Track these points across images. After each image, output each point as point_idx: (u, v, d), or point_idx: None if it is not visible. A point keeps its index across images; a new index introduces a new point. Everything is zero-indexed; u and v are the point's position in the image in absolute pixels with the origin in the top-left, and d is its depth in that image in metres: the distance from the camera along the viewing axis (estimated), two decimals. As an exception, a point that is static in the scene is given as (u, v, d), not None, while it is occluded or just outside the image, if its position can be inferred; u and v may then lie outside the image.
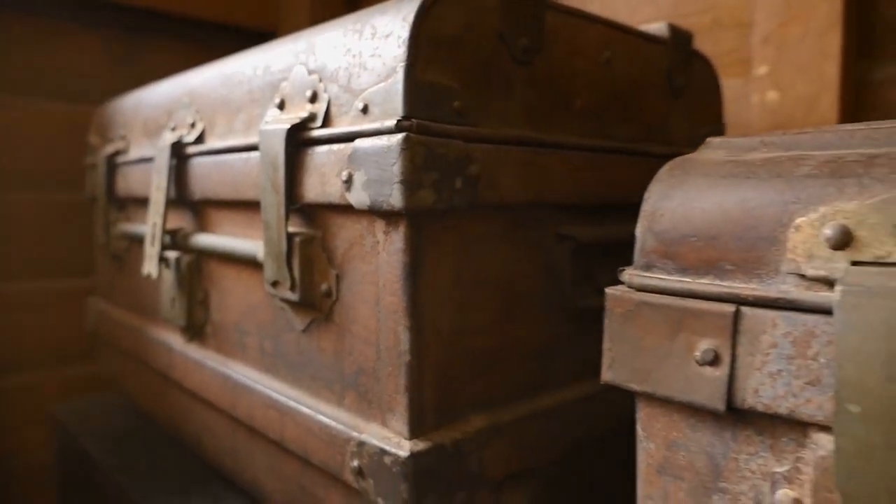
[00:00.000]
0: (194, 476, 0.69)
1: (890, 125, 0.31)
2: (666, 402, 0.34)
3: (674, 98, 0.60)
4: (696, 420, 0.33)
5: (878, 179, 0.28)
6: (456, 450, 0.42)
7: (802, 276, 0.29)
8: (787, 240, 0.29)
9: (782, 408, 0.29)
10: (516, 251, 0.47)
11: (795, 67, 0.71)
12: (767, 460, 0.31)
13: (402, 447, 0.41)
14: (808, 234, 0.29)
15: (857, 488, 0.26)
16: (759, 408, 0.30)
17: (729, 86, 0.79)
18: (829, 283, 0.28)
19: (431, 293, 0.42)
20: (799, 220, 0.29)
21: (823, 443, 0.29)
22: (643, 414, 0.36)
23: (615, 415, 0.53)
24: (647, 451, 0.36)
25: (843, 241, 0.28)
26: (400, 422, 0.42)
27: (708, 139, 0.38)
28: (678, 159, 0.36)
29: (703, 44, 0.84)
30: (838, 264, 0.28)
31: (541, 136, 0.47)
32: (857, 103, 0.72)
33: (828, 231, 0.28)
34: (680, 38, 0.59)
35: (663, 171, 0.36)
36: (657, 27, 0.59)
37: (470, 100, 0.43)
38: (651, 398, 0.35)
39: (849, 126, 0.33)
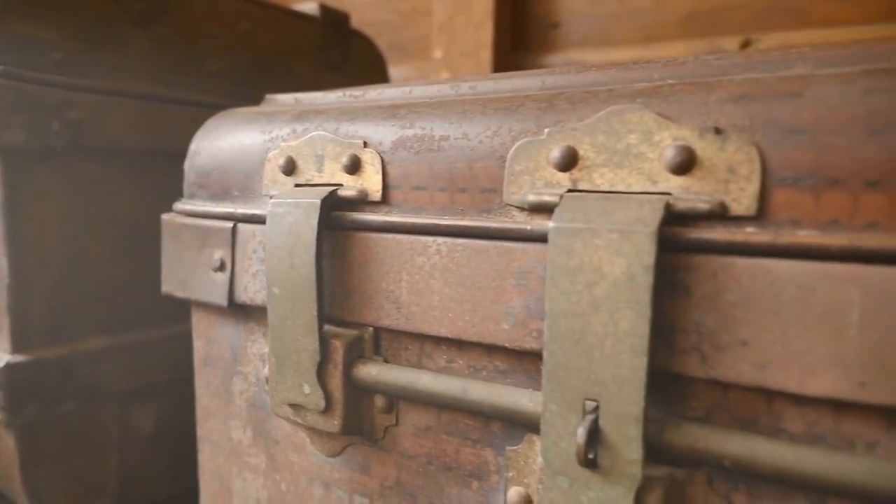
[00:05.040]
0: None
1: (364, 89, 0.41)
2: (202, 305, 0.42)
3: (331, 70, 0.69)
4: (224, 319, 0.41)
5: (312, 122, 0.37)
6: (62, 364, 0.48)
7: (269, 197, 0.37)
8: (263, 170, 0.38)
9: (258, 300, 0.38)
10: (143, 193, 0.53)
11: (461, 54, 0.83)
12: (262, 344, 0.40)
13: (0, 360, 0.46)
14: (272, 166, 0.37)
15: (279, 350, 0.35)
16: (248, 301, 0.38)
17: (419, 67, 0.90)
18: (285, 201, 0.37)
19: (35, 225, 0.47)
20: (270, 155, 0.38)
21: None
22: (194, 318, 0.43)
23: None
24: (197, 348, 0.43)
25: (289, 168, 0.37)
26: (5, 339, 0.47)
27: (267, 96, 0.46)
28: (227, 110, 0.44)
29: (405, 28, 0.95)
30: (286, 186, 0.37)
31: (163, 92, 0.53)
32: (511, 87, 0.85)
33: (281, 161, 0.37)
34: (332, 18, 0.68)
35: (210, 119, 0.44)
36: (310, 6, 0.67)
37: (75, 53, 0.48)
38: (194, 304, 0.43)
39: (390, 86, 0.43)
